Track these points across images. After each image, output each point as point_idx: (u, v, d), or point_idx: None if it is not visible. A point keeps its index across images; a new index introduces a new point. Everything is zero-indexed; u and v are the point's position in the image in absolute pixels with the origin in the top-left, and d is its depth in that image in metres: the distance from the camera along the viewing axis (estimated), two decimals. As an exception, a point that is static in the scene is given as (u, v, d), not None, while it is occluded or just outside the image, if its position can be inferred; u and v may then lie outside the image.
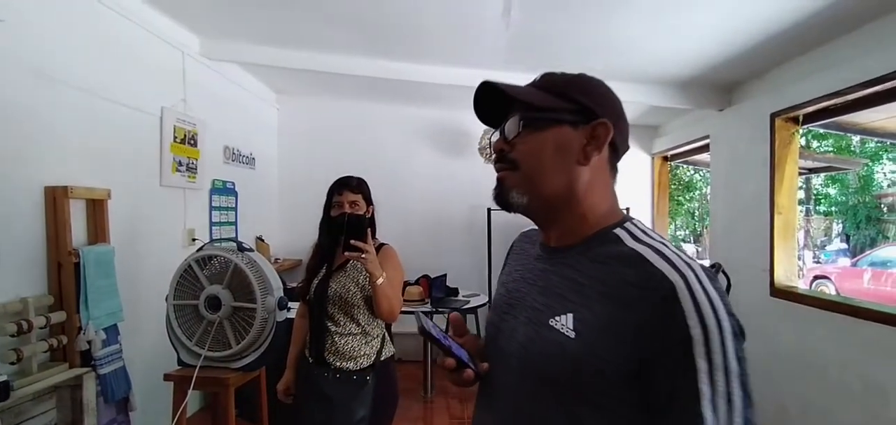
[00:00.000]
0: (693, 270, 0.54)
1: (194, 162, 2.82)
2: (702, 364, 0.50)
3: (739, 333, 0.53)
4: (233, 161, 3.39)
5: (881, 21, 2.20)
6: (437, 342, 0.65)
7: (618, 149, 0.66)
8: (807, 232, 12.43)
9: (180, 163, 2.70)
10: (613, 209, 0.66)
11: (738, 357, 0.52)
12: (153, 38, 2.46)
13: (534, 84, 0.67)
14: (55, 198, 1.85)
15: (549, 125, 0.62)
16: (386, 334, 1.68)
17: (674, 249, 0.58)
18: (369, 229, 1.63)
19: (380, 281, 1.44)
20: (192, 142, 2.78)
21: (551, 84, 0.65)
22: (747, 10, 2.21)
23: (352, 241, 1.41)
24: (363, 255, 1.41)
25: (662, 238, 0.61)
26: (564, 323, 0.59)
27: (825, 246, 12.94)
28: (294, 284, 3.09)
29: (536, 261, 0.69)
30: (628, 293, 0.55)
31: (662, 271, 0.54)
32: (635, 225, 0.63)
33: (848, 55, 2.37)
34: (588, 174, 0.63)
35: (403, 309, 1.60)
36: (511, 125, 0.65)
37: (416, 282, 3.64)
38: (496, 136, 0.68)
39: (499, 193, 0.67)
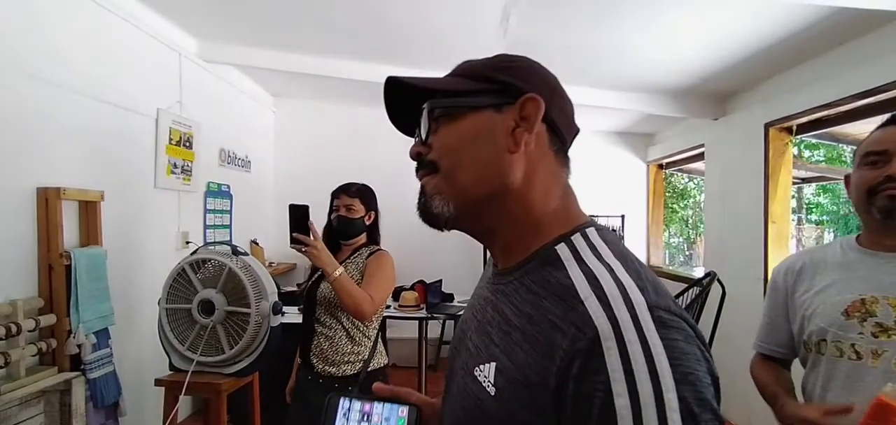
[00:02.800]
0: (633, 312, 0.39)
1: (189, 164, 2.80)
2: None
3: (700, 412, 0.37)
4: (228, 163, 3.37)
5: (869, 36, 2.24)
6: None
7: (559, 131, 0.53)
8: (799, 241, 12.54)
9: (175, 166, 2.68)
10: (566, 212, 0.52)
11: None
12: (150, 39, 2.45)
13: (451, 73, 0.57)
14: (47, 200, 1.83)
15: (467, 111, 0.52)
16: (378, 341, 1.66)
17: (621, 278, 0.43)
18: (366, 233, 1.64)
19: (335, 274, 1.43)
20: (187, 144, 2.77)
21: (469, 69, 0.55)
22: (740, 22, 2.24)
23: (294, 235, 1.40)
24: (304, 249, 1.41)
25: (616, 257, 0.46)
26: (487, 374, 0.47)
27: (817, 255, 13.06)
28: (290, 288, 3.08)
29: (486, 287, 0.57)
30: (551, 338, 0.41)
31: (589, 312, 0.40)
32: (587, 237, 0.49)
33: (838, 68, 2.40)
34: (522, 164, 0.50)
35: (398, 314, 1.60)
36: (424, 122, 0.54)
37: (412, 288, 3.63)
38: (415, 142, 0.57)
39: (422, 205, 0.55)
